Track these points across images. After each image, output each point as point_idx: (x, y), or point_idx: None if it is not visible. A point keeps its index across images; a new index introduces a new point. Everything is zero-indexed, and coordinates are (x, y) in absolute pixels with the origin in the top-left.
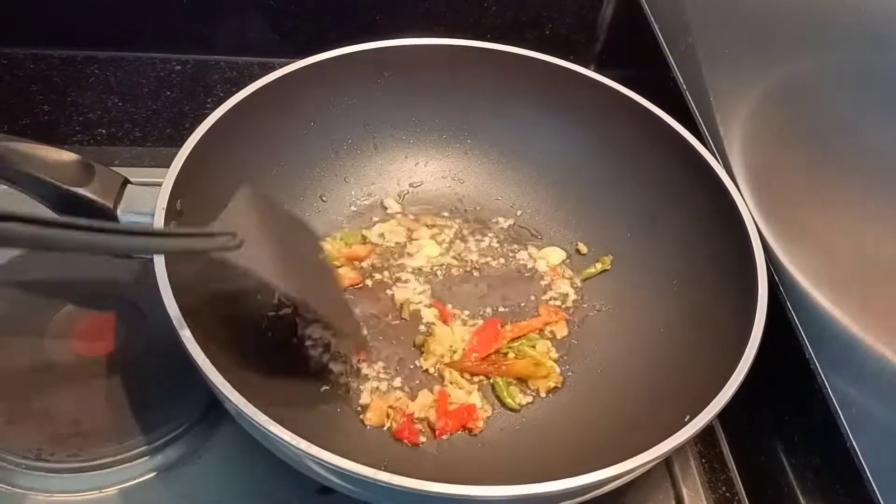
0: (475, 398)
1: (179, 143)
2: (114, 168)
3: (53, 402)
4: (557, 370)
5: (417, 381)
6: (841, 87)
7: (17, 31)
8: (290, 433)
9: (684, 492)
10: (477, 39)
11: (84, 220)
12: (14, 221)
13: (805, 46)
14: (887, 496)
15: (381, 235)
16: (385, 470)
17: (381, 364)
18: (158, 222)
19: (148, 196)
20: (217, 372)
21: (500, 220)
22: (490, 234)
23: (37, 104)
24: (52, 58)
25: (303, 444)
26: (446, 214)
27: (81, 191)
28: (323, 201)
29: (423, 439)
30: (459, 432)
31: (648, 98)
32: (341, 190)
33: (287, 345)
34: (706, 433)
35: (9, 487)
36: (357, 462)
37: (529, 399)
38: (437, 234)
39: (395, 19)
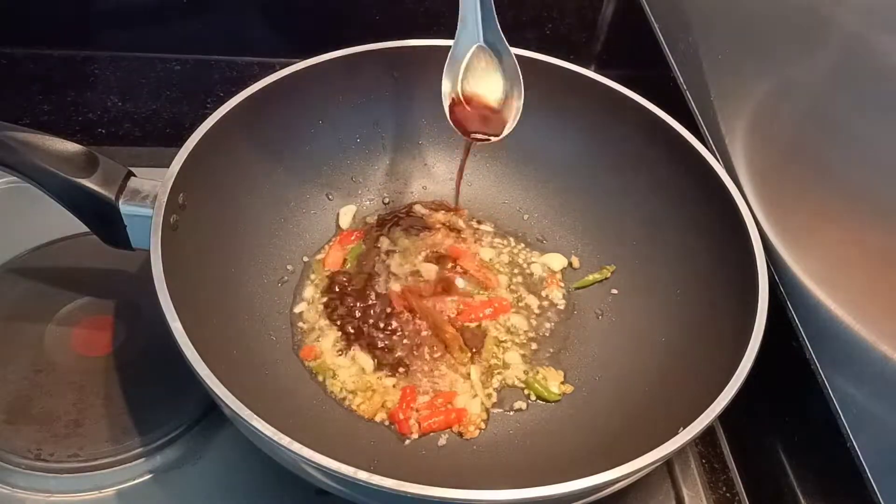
0: (474, 404)
1: (179, 143)
2: None
3: (53, 402)
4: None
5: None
6: (842, 88)
7: (17, 31)
8: (278, 431)
9: (685, 492)
10: None
11: None
12: None
13: (806, 46)
14: (887, 496)
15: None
16: (377, 472)
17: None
18: (159, 216)
19: (151, 188)
20: (211, 373)
21: (507, 223)
22: (495, 238)
23: (37, 104)
24: (52, 58)
25: (295, 446)
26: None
27: (84, 181)
28: (329, 199)
29: (413, 435)
30: (456, 437)
31: (649, 98)
32: (348, 189)
33: (285, 347)
34: (706, 433)
35: (9, 487)
36: (349, 464)
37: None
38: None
39: (394, 19)
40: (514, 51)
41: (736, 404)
